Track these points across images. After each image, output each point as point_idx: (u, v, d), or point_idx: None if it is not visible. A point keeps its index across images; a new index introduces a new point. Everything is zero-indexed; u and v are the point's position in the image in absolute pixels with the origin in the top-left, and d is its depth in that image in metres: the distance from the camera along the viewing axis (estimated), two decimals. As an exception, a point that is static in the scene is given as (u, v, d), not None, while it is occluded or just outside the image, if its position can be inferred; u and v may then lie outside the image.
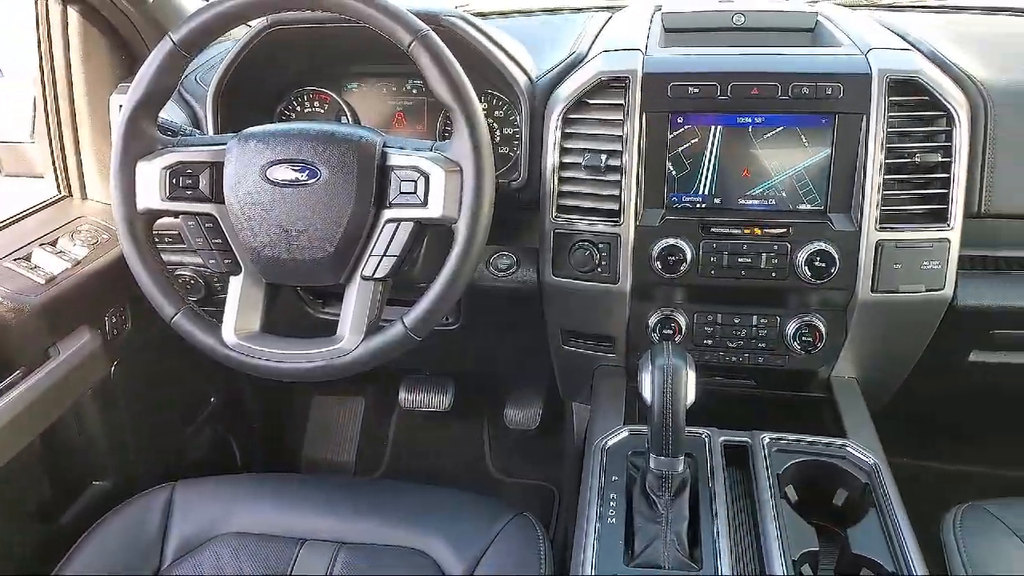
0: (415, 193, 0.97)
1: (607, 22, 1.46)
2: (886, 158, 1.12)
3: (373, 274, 1.00)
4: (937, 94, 1.11)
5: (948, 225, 1.14)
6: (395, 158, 1.00)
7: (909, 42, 1.27)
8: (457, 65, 0.97)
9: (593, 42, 1.34)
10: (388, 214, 0.99)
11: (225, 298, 1.06)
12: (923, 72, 1.12)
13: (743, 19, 1.41)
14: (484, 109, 1.34)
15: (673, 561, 0.94)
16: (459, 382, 2.03)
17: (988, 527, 1.08)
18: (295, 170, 0.99)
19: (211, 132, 1.31)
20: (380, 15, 0.96)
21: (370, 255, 1.00)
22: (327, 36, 1.29)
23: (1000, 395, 1.51)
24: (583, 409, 1.53)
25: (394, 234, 0.99)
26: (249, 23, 1.18)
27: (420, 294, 1.01)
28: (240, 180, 1.00)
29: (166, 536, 1.15)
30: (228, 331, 1.04)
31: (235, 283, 1.06)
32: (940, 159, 1.12)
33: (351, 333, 1.00)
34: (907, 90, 1.13)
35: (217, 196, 1.03)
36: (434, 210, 0.97)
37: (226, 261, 1.05)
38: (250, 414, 1.92)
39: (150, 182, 1.03)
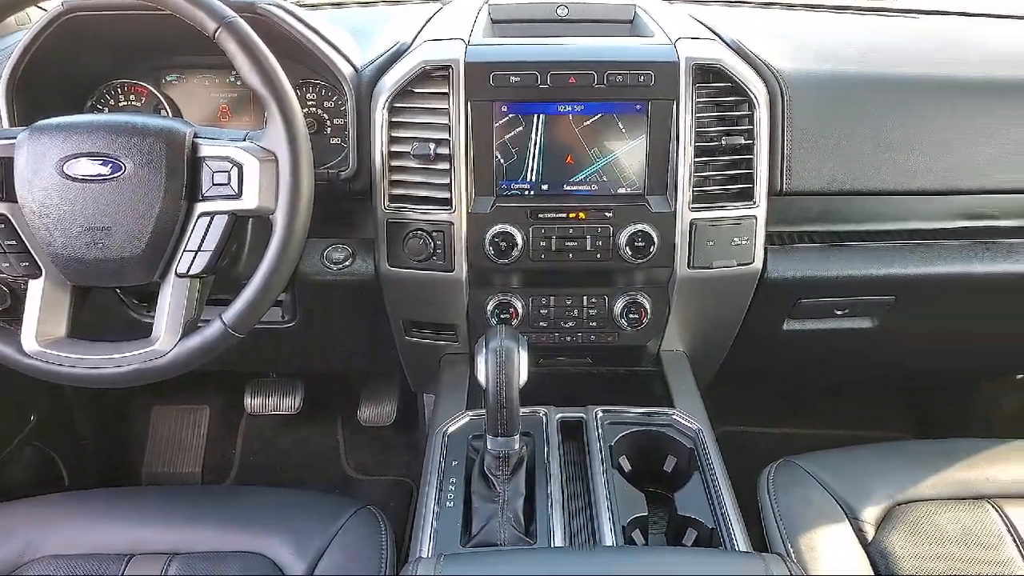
0: (228, 184, 0.94)
1: (435, 13, 1.47)
2: (695, 142, 1.19)
3: (188, 271, 0.96)
4: (737, 80, 1.19)
5: (754, 203, 1.22)
6: (206, 149, 0.96)
7: (716, 33, 1.35)
8: (267, 51, 0.94)
9: (419, 32, 1.35)
10: (201, 207, 0.96)
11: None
12: (724, 60, 1.20)
13: (567, 11, 1.46)
14: (312, 100, 1.32)
15: (509, 538, 0.96)
16: (308, 383, 1.99)
17: (798, 479, 1.17)
18: (96, 164, 0.93)
19: (6, 127, 1.21)
20: (181, 1, 0.92)
21: (184, 251, 0.96)
22: (138, 24, 1.21)
23: (812, 360, 1.64)
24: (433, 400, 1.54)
25: (208, 228, 0.95)
26: (42, 7, 1.10)
27: None
28: (34, 176, 0.94)
29: (-30, 567, 1.06)
30: (28, 338, 0.96)
31: (35, 287, 0.98)
32: (744, 142, 1.20)
33: (167, 334, 0.96)
34: (711, 77, 1.20)
35: (8, 194, 0.95)
36: (249, 201, 0.94)
37: (23, 264, 0.97)
38: (80, 431, 1.79)
39: None
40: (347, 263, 1.30)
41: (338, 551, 1.09)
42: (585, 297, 1.30)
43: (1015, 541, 1.09)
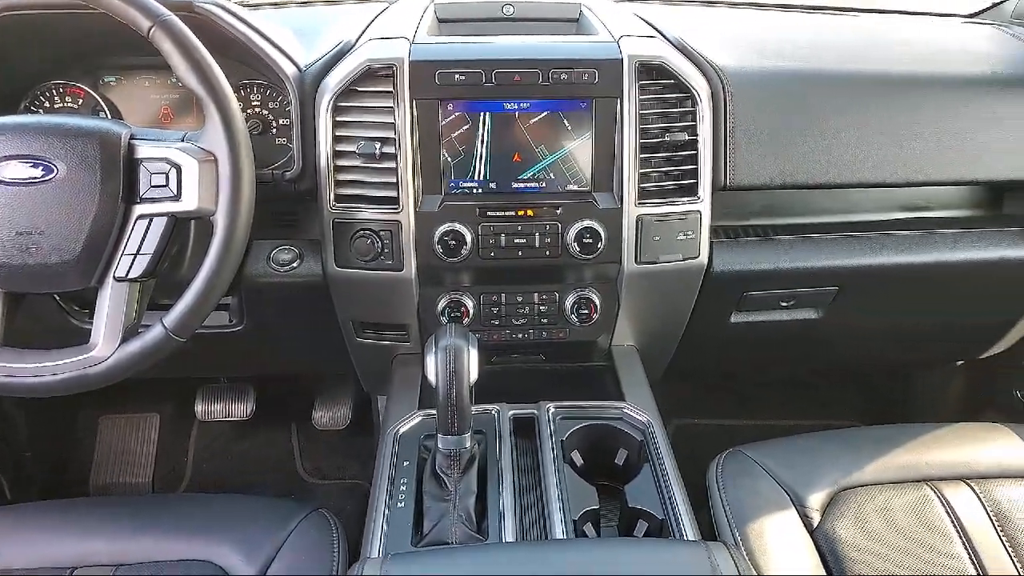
0: (167, 186, 0.93)
1: (381, 13, 1.46)
2: (640, 138, 1.20)
3: (127, 275, 0.94)
4: (680, 77, 1.21)
5: (698, 198, 1.24)
6: (143, 150, 0.94)
7: (659, 31, 1.37)
8: (203, 49, 0.93)
9: (363, 32, 1.34)
10: (139, 210, 0.94)
11: None
12: (666, 57, 1.21)
13: (513, 10, 1.46)
14: (256, 100, 1.31)
15: (460, 536, 0.96)
16: (260, 387, 1.96)
17: (745, 469, 1.19)
18: (27, 167, 0.91)
19: None
20: (114, 0, 0.90)
21: (122, 254, 0.94)
22: (72, 23, 1.18)
23: (760, 352, 1.67)
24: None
25: (147, 230, 0.93)
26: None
27: None
28: None
29: (-98, 589, 1.02)
30: (-41, 348, 0.93)
31: None
32: (687, 138, 1.22)
33: (105, 340, 0.93)
34: (654, 74, 1.21)
35: None
36: (189, 203, 0.93)
37: None
38: (21, 442, 1.74)
39: None
40: (294, 264, 1.29)
41: (289, 555, 1.07)
42: (536, 294, 1.31)
43: (952, 521, 1.12)
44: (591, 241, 1.21)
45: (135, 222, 0.94)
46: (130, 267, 0.94)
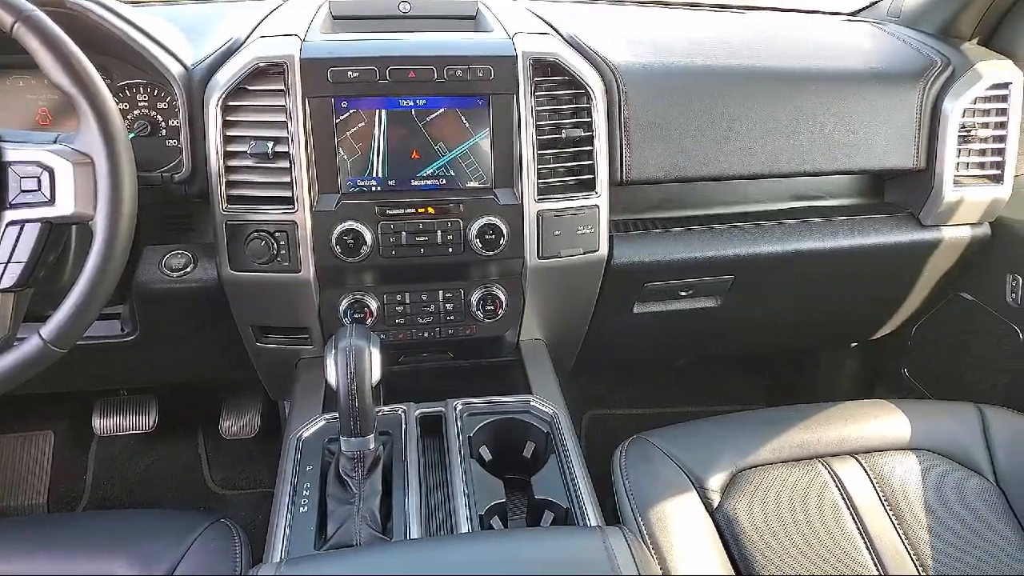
0: (39, 191, 0.88)
1: (273, 10, 1.43)
2: (537, 135, 1.22)
3: None
4: (573, 73, 1.23)
5: (596, 193, 1.26)
6: (11, 153, 0.89)
7: (554, 28, 1.38)
8: (72, 45, 0.89)
9: (254, 29, 1.31)
10: (9, 216, 0.89)
11: None
12: (560, 54, 1.23)
13: (409, 7, 1.45)
14: (144, 101, 1.26)
15: (365, 536, 0.96)
16: (162, 398, 1.89)
17: (647, 455, 1.22)
18: None
19: None
20: None
21: None
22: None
23: (665, 340, 1.72)
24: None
25: (18, 238, 0.88)
26: None
27: None
28: None
29: None
30: None
31: None
32: (583, 134, 1.24)
33: (-26, 354, 0.88)
34: (549, 71, 1.23)
35: None
36: (64, 207, 0.89)
37: None
38: None
39: None
40: (188, 269, 1.24)
41: (189, 567, 1.04)
42: (441, 292, 1.30)
43: (840, 492, 1.18)
44: (493, 237, 1.22)
45: (5, 229, 0.89)
46: (1, 277, 0.89)
